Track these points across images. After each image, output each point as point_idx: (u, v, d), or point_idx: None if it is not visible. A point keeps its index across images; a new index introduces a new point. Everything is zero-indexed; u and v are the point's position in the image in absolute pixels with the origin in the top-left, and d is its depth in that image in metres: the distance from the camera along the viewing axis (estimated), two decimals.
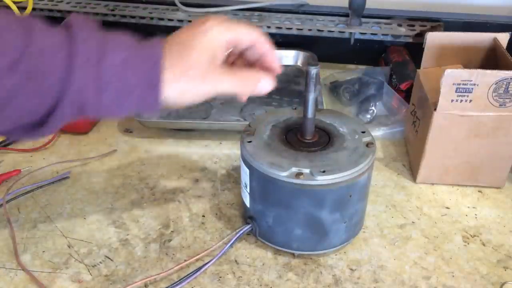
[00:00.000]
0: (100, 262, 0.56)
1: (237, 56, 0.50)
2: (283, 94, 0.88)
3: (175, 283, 0.53)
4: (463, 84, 0.60)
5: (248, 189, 0.56)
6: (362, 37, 0.95)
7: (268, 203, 0.54)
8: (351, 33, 0.94)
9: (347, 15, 0.95)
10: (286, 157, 0.53)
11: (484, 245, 0.59)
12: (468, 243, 0.60)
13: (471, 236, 0.61)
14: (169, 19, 0.98)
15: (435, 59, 0.71)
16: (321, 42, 0.95)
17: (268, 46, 0.48)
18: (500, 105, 0.61)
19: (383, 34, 0.94)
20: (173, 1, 0.98)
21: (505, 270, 0.56)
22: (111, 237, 0.60)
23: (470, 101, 0.61)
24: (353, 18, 0.93)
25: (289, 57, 0.95)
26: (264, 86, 0.48)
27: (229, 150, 0.76)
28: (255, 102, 0.86)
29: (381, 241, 0.60)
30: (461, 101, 0.61)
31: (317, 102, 0.70)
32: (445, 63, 0.70)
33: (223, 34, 0.45)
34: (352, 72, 0.92)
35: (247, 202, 0.57)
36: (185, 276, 0.54)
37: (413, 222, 0.62)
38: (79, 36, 0.39)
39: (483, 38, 0.70)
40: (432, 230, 0.61)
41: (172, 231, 0.61)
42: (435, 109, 0.62)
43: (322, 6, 0.99)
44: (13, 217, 0.62)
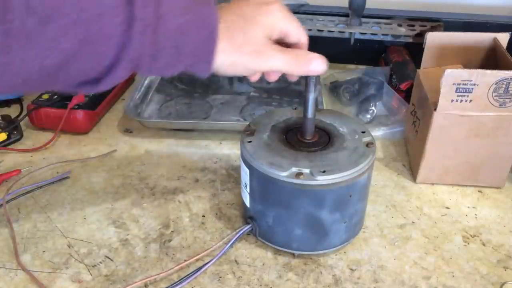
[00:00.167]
0: (100, 262, 0.56)
1: None
2: (283, 94, 0.88)
3: (175, 283, 0.53)
4: (463, 84, 0.60)
5: (248, 189, 0.56)
6: (362, 37, 0.95)
7: (268, 203, 0.54)
8: (351, 33, 0.94)
9: (347, 15, 0.95)
10: (286, 157, 0.53)
11: (484, 245, 0.59)
12: (468, 243, 0.60)
13: (471, 236, 0.61)
14: None
15: (435, 59, 0.71)
16: (321, 42, 0.95)
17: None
18: (500, 105, 0.61)
19: (383, 34, 0.94)
20: None
21: (505, 270, 0.56)
22: (111, 237, 0.60)
23: (470, 101, 0.61)
24: (353, 18, 0.94)
25: None
26: (317, 67, 0.48)
27: (229, 150, 0.76)
28: (255, 102, 0.86)
29: (381, 241, 0.60)
30: (461, 101, 0.61)
31: (317, 102, 0.71)
32: (445, 63, 0.70)
33: (283, 22, 0.47)
34: (352, 72, 0.92)
35: (247, 202, 0.57)
36: (185, 276, 0.54)
37: (413, 222, 0.62)
38: (137, 0, 0.38)
39: (483, 38, 0.70)
40: (432, 230, 0.61)
41: (172, 231, 0.61)
42: (435, 109, 0.62)
43: (322, 6, 0.99)
44: (13, 217, 0.62)
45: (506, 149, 0.64)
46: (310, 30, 0.93)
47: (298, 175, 0.51)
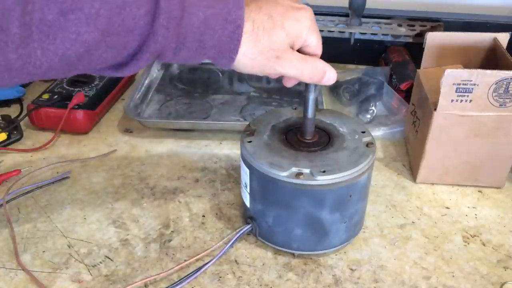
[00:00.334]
0: (100, 262, 0.56)
1: None
2: (283, 94, 0.88)
3: (175, 283, 0.53)
4: (463, 84, 0.60)
5: (248, 189, 0.56)
6: (362, 37, 0.95)
7: (268, 203, 0.54)
8: (351, 33, 0.94)
9: (347, 15, 0.95)
10: (286, 157, 0.53)
11: (484, 245, 0.59)
12: (468, 243, 0.60)
13: (471, 236, 0.61)
14: None
15: (435, 59, 0.71)
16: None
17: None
18: (500, 105, 0.61)
19: (383, 34, 0.94)
20: None
21: (505, 270, 0.56)
22: (111, 237, 0.60)
23: (470, 101, 0.61)
24: (353, 18, 0.94)
25: None
26: (329, 80, 0.49)
27: (229, 150, 0.76)
28: (255, 102, 0.86)
29: (381, 241, 0.60)
30: (461, 101, 0.61)
31: (317, 102, 0.70)
32: (445, 63, 0.70)
33: (308, 33, 0.46)
34: (352, 72, 0.92)
35: (247, 202, 0.57)
36: (185, 276, 0.54)
37: (413, 222, 0.62)
38: None
39: (483, 38, 0.70)
40: (432, 230, 0.61)
41: (172, 231, 0.61)
42: (435, 109, 0.62)
43: (322, 6, 0.99)
44: (13, 217, 0.62)
45: (506, 149, 0.64)
46: None
47: (298, 175, 0.51)
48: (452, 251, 0.58)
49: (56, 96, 0.79)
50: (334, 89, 0.89)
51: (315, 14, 0.48)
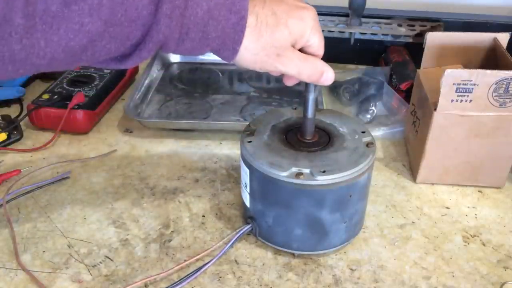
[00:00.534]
0: (100, 262, 0.56)
1: None
2: (283, 94, 0.88)
3: (175, 283, 0.53)
4: (463, 84, 0.60)
5: (248, 189, 0.56)
6: (362, 37, 0.95)
7: (268, 203, 0.54)
8: (351, 33, 0.94)
9: (347, 15, 0.95)
10: (286, 157, 0.53)
11: (484, 245, 0.59)
12: (468, 243, 0.60)
13: (471, 236, 0.61)
14: None
15: (435, 59, 0.71)
16: None
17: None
18: (500, 105, 0.61)
19: (383, 34, 0.94)
20: None
21: (505, 270, 0.56)
22: (111, 237, 0.60)
23: (470, 101, 0.61)
24: (353, 18, 0.94)
25: None
26: (327, 80, 0.49)
27: (229, 150, 0.76)
28: (255, 102, 0.86)
29: (381, 241, 0.60)
30: (461, 101, 0.61)
31: (317, 102, 0.71)
32: (445, 63, 0.70)
33: (311, 33, 0.46)
34: (352, 72, 0.92)
35: (247, 202, 0.57)
36: (185, 276, 0.54)
37: (413, 222, 0.62)
38: None
39: (483, 38, 0.70)
40: (432, 230, 0.61)
41: (172, 231, 0.61)
42: (435, 109, 0.62)
43: (322, 6, 0.99)
44: (13, 217, 0.62)
45: (506, 149, 0.64)
46: None
47: (298, 175, 0.51)
48: (452, 251, 0.58)
49: (56, 96, 0.79)
50: (334, 89, 0.89)
51: None
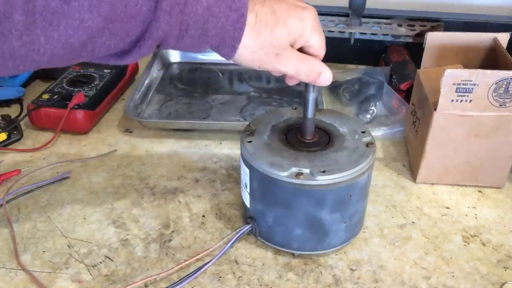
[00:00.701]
0: (100, 262, 0.56)
1: None
2: (283, 94, 0.88)
3: (175, 283, 0.53)
4: (463, 84, 0.60)
5: (248, 189, 0.56)
6: (362, 37, 0.95)
7: (268, 203, 0.54)
8: (351, 33, 0.94)
9: (347, 15, 0.95)
10: (286, 157, 0.53)
11: (484, 245, 0.59)
12: (468, 243, 0.60)
13: (471, 236, 0.61)
14: None
15: (435, 59, 0.71)
16: None
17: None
18: (500, 105, 0.61)
19: (383, 34, 0.94)
20: None
21: (505, 270, 0.56)
22: (111, 237, 0.60)
23: (470, 101, 0.61)
24: (353, 18, 0.94)
25: None
26: (324, 80, 0.49)
27: (229, 150, 0.76)
28: (255, 102, 0.86)
29: (381, 241, 0.60)
30: (461, 101, 0.61)
31: (317, 102, 0.71)
32: (445, 63, 0.70)
33: (311, 33, 0.46)
34: (352, 72, 0.92)
35: (247, 202, 0.57)
36: (185, 276, 0.54)
37: (413, 222, 0.62)
38: None
39: (483, 38, 0.70)
40: (432, 230, 0.61)
41: (172, 231, 0.61)
42: (435, 109, 0.62)
43: (322, 6, 0.99)
44: (13, 217, 0.62)
45: (506, 149, 0.64)
46: None
47: (298, 175, 0.51)
48: (452, 251, 0.58)
49: (56, 96, 0.79)
50: (334, 89, 0.89)
51: None
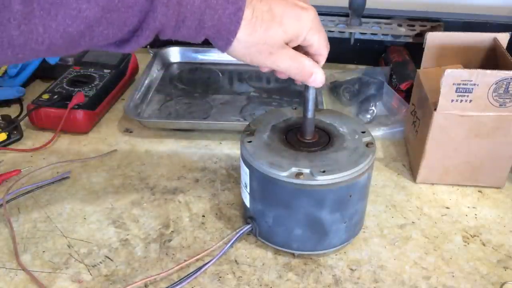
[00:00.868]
0: (100, 262, 0.56)
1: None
2: (283, 94, 0.88)
3: (175, 283, 0.53)
4: (463, 84, 0.60)
5: (248, 189, 0.56)
6: (362, 37, 0.95)
7: (268, 203, 0.54)
8: (351, 33, 0.94)
9: (347, 15, 0.95)
10: (286, 157, 0.53)
11: (484, 245, 0.59)
12: (468, 243, 0.60)
13: (471, 236, 0.61)
14: None
15: (435, 59, 0.71)
16: None
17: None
18: (500, 105, 0.61)
19: (383, 34, 0.94)
20: None
21: (505, 270, 0.56)
22: (111, 237, 0.60)
23: (470, 101, 0.61)
24: (353, 18, 0.94)
25: None
26: (315, 81, 0.49)
27: (229, 150, 0.76)
28: (255, 102, 0.86)
29: (381, 241, 0.60)
30: (461, 101, 0.61)
31: (317, 102, 0.71)
32: (445, 63, 0.70)
33: (309, 33, 0.46)
34: (352, 72, 0.92)
35: (247, 202, 0.57)
36: (185, 276, 0.54)
37: (413, 222, 0.62)
38: None
39: (483, 38, 0.70)
40: (432, 230, 0.61)
41: (172, 231, 0.61)
42: (435, 109, 0.62)
43: (322, 6, 0.99)
44: (13, 217, 0.62)
45: (506, 149, 0.64)
46: None
47: (298, 175, 0.51)
48: (452, 251, 0.58)
49: (56, 96, 0.79)
50: (334, 89, 0.89)
51: None
